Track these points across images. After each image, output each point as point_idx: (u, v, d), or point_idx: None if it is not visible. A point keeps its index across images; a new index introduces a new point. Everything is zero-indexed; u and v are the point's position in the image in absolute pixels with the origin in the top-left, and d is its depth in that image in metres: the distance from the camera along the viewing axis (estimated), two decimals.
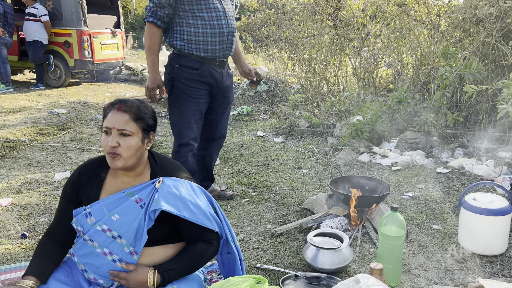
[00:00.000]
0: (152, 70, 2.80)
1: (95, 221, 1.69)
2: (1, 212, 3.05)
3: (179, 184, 1.74)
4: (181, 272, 1.73)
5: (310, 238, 2.45)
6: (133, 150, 1.66)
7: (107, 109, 1.71)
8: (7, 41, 7.79)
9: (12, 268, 2.36)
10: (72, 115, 6.30)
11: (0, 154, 4.46)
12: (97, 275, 1.71)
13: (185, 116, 2.87)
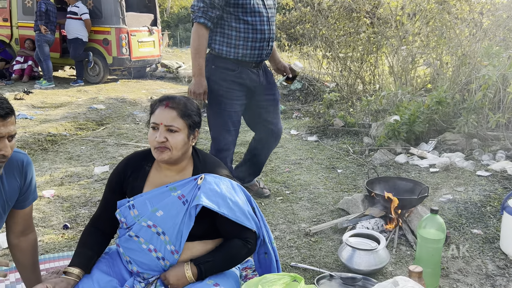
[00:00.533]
0: (198, 74, 2.71)
1: (138, 214, 1.73)
2: (44, 203, 3.17)
3: (220, 181, 1.76)
4: (217, 266, 1.75)
5: (346, 239, 2.43)
6: (179, 145, 1.70)
7: (155, 105, 1.75)
8: (49, 39, 8.07)
9: (55, 257, 2.45)
10: (110, 110, 6.48)
11: (43, 147, 4.63)
12: (140, 268, 1.76)
13: (222, 118, 2.82)
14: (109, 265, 1.82)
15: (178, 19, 20.30)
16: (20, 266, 1.94)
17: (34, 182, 1.85)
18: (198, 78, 2.71)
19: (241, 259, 1.82)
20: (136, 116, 6.26)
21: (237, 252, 1.79)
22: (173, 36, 18.39)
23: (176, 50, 16.28)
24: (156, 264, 1.73)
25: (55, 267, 2.31)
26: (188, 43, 18.07)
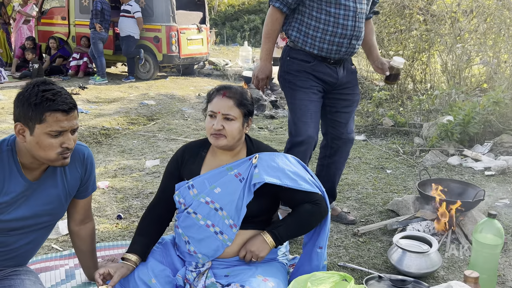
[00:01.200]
0: (265, 58, 2.57)
1: (198, 192, 1.81)
2: (99, 194, 3.32)
3: (275, 157, 1.84)
4: (290, 229, 1.82)
5: (397, 240, 2.38)
6: (235, 132, 1.79)
7: (213, 94, 1.84)
8: (103, 36, 8.40)
9: (110, 245, 2.56)
10: (160, 106, 6.66)
11: (97, 140, 4.84)
12: (197, 248, 1.82)
13: (299, 109, 2.57)
14: (162, 255, 1.89)
15: (225, 17, 20.53)
16: (79, 253, 2.05)
17: (94, 173, 1.94)
18: (264, 63, 2.58)
19: (315, 221, 1.86)
20: (185, 112, 6.40)
21: (310, 215, 1.84)
22: (220, 34, 18.63)
23: (223, 47, 16.48)
24: (213, 240, 1.79)
25: (110, 255, 2.41)
26: (234, 41, 18.24)
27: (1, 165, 1.62)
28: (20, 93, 1.58)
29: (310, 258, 1.96)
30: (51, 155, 1.59)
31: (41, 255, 2.41)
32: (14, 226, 1.70)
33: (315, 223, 1.87)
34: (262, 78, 2.59)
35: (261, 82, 2.60)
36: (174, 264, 1.89)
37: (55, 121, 1.55)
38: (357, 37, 2.55)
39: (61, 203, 1.81)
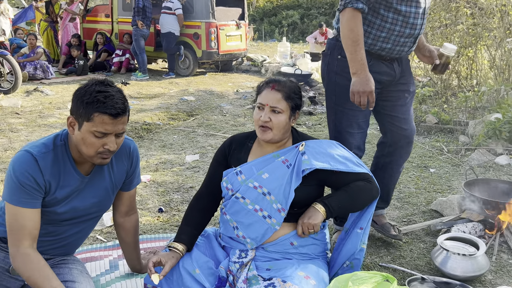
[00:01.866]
0: (361, 69, 2.11)
1: (246, 178, 1.84)
2: (141, 188, 3.40)
3: (322, 144, 1.88)
4: (341, 201, 1.84)
5: (441, 241, 2.31)
6: (282, 125, 1.81)
7: (262, 87, 1.87)
8: (145, 33, 8.59)
9: (152, 238, 2.62)
10: (200, 102, 6.74)
11: (139, 135, 4.95)
12: (246, 232, 1.84)
13: (346, 119, 2.31)
14: (205, 247, 1.92)
15: (263, 12, 20.53)
16: (123, 244, 2.10)
17: (139, 167, 1.99)
18: (363, 74, 2.11)
19: (367, 196, 1.88)
20: (223, 108, 6.45)
21: (361, 189, 1.86)
22: (258, 30, 18.64)
23: (261, 43, 16.49)
24: (262, 224, 1.81)
25: (152, 247, 2.46)
26: (272, 37, 18.21)
27: (56, 160, 1.68)
28: (79, 88, 1.64)
29: (349, 238, 1.94)
30: (91, 153, 1.64)
31: (86, 246, 2.50)
32: (66, 217, 1.77)
33: (366, 200, 1.88)
34: (370, 91, 2.12)
35: (363, 98, 2.12)
36: (216, 256, 1.91)
37: (101, 122, 1.59)
38: (420, 34, 2.28)
39: (109, 195, 1.87)
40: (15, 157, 1.64)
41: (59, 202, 1.72)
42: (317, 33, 11.47)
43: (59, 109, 5.98)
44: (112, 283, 2.11)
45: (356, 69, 2.13)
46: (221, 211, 1.95)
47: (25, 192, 1.61)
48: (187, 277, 1.79)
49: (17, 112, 5.74)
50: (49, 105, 6.15)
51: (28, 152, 1.63)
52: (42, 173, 1.63)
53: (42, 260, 1.64)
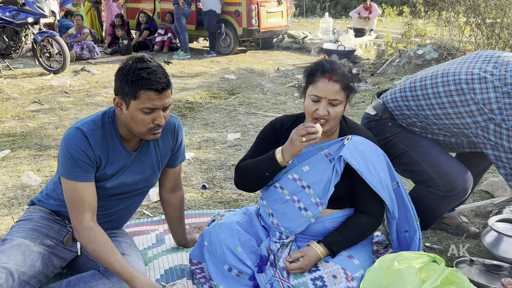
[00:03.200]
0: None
1: (286, 169, 1.81)
2: (186, 165, 3.46)
3: (366, 144, 1.78)
4: (346, 243, 1.76)
5: (492, 223, 2.22)
6: (338, 116, 1.74)
7: (316, 75, 1.73)
8: (186, 12, 8.62)
9: (196, 214, 2.67)
10: (240, 81, 6.74)
11: (182, 114, 5.03)
12: (280, 221, 1.83)
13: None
14: (248, 225, 1.94)
15: None
16: (168, 219, 2.16)
17: (183, 144, 2.02)
18: None
19: (368, 235, 1.83)
20: (264, 86, 6.42)
21: (365, 229, 1.79)
22: (299, 6, 18.28)
23: (302, 20, 16.20)
24: (297, 215, 1.79)
25: (196, 223, 2.51)
26: (314, 13, 17.82)
27: (104, 137, 1.73)
28: (120, 68, 1.66)
29: (399, 241, 1.89)
30: (142, 130, 1.68)
31: (134, 220, 2.59)
32: (114, 192, 1.83)
33: (368, 235, 1.82)
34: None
35: None
36: (258, 234, 1.93)
37: (148, 99, 1.62)
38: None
39: (155, 171, 1.91)
40: (66, 134, 1.70)
41: (108, 178, 1.78)
42: (361, 8, 11.12)
43: (105, 88, 6.15)
44: (159, 257, 2.18)
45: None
46: (260, 196, 1.95)
47: (79, 167, 1.68)
48: (230, 254, 1.82)
49: (66, 91, 5.95)
50: (96, 84, 6.34)
51: (78, 129, 1.69)
52: (92, 148, 1.69)
53: (104, 234, 1.71)
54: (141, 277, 1.66)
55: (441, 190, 2.00)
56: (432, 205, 2.06)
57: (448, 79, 1.93)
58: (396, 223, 1.85)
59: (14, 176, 3.23)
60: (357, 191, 1.80)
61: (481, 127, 1.86)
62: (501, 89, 1.82)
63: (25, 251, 1.69)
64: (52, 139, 4.09)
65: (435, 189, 2.01)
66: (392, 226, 1.87)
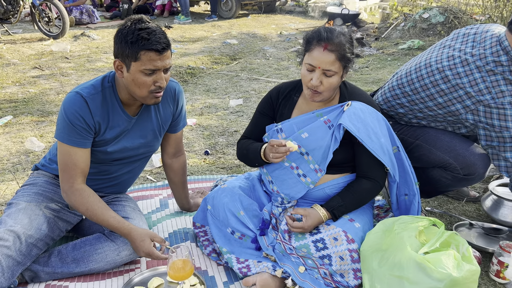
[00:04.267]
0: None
1: (285, 137, 1.81)
2: (188, 131, 3.46)
3: (366, 109, 1.75)
4: (348, 208, 1.78)
5: (493, 187, 2.23)
6: (333, 87, 1.70)
7: (312, 43, 1.68)
8: None
9: (199, 179, 2.69)
10: (242, 45, 6.64)
11: (184, 79, 4.99)
12: (280, 188, 1.85)
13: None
14: (250, 190, 1.96)
15: None
16: (172, 184, 2.18)
17: (184, 109, 2.01)
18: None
19: (369, 199, 1.84)
20: (267, 51, 6.33)
21: (367, 194, 1.80)
22: None
23: None
24: (296, 182, 1.81)
25: (199, 188, 2.54)
26: None
27: (104, 101, 1.73)
28: (119, 30, 1.63)
29: (398, 204, 1.91)
30: (144, 93, 1.66)
31: (137, 185, 2.61)
32: (116, 156, 1.84)
33: (369, 200, 1.83)
34: None
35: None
36: (261, 199, 1.95)
37: (148, 60, 1.60)
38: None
39: (156, 136, 1.92)
40: (66, 98, 1.69)
41: (108, 142, 1.78)
42: None
43: (105, 53, 6.08)
44: (163, 220, 2.22)
45: None
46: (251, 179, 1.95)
47: (76, 132, 1.68)
48: (232, 218, 1.85)
49: (67, 56, 5.89)
50: (96, 50, 6.27)
51: (78, 93, 1.68)
52: (91, 114, 1.68)
53: (95, 194, 1.75)
54: (138, 228, 1.72)
55: (459, 173, 1.97)
56: (447, 185, 2.04)
57: (432, 69, 1.91)
58: (396, 187, 1.87)
59: (17, 142, 3.25)
60: (358, 157, 1.80)
61: (471, 110, 1.85)
62: (484, 68, 1.80)
63: (31, 215, 1.72)
64: (54, 105, 4.08)
65: (454, 171, 1.98)
66: (393, 190, 1.88)
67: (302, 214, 1.73)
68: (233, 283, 1.77)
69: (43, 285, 1.73)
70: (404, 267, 1.51)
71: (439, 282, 1.45)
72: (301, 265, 1.75)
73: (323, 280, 1.71)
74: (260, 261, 1.78)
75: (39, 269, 1.73)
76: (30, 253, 1.67)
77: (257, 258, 1.81)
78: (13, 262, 1.61)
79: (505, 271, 1.76)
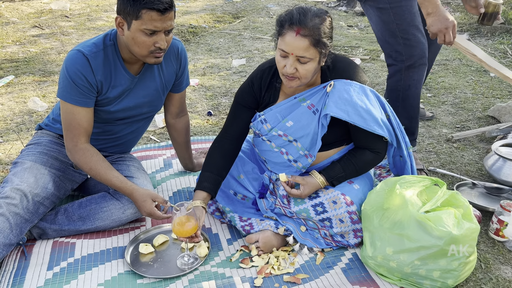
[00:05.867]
0: (437, 7, 1.92)
1: (271, 127, 1.74)
2: (190, 91, 3.44)
3: (351, 88, 1.63)
4: (348, 177, 1.76)
5: (496, 148, 2.23)
6: (309, 74, 1.57)
7: (284, 27, 1.53)
8: None
9: (202, 139, 2.70)
10: (245, 3, 6.48)
11: (186, 38, 4.91)
12: (273, 168, 1.84)
13: (408, 12, 2.13)
14: (251, 153, 1.97)
15: None
16: (175, 144, 2.19)
17: (187, 68, 1.99)
18: (439, 11, 1.93)
19: (370, 169, 1.81)
20: (270, 9, 6.18)
21: (368, 165, 1.77)
22: None
23: None
24: (288, 165, 1.79)
25: (202, 148, 2.55)
26: None
27: (106, 60, 1.70)
28: None
29: (394, 164, 1.90)
30: (143, 52, 1.64)
31: (141, 145, 2.62)
32: (119, 116, 1.84)
33: (370, 169, 1.80)
34: (453, 25, 1.94)
35: (454, 31, 1.95)
36: (260, 164, 1.95)
37: (149, 19, 1.56)
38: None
39: (159, 95, 1.90)
40: (67, 56, 1.67)
41: (111, 101, 1.77)
42: None
43: (106, 11, 5.96)
44: (167, 180, 2.24)
45: (431, 9, 1.94)
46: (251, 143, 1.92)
47: (78, 91, 1.67)
48: (233, 181, 1.87)
49: (66, 15, 5.78)
50: (97, 8, 6.14)
51: (79, 51, 1.65)
52: (93, 72, 1.67)
53: (99, 154, 1.76)
54: (140, 188, 1.74)
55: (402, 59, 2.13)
56: (404, 86, 2.15)
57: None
58: (393, 150, 1.85)
59: (20, 102, 3.24)
60: (355, 134, 1.73)
61: None
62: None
63: (37, 174, 1.74)
64: (55, 64, 4.04)
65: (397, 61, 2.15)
66: (390, 152, 1.86)
67: (300, 183, 1.72)
68: (236, 240, 1.81)
69: (51, 241, 1.78)
70: (405, 225, 1.53)
71: (438, 239, 1.47)
72: (302, 225, 1.78)
73: (323, 240, 1.75)
74: (263, 219, 1.81)
75: (47, 227, 1.77)
76: (37, 211, 1.70)
77: (260, 216, 1.84)
78: (21, 220, 1.64)
79: (504, 229, 1.78)
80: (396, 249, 1.54)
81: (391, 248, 1.56)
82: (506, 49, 4.02)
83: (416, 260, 1.51)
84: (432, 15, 1.94)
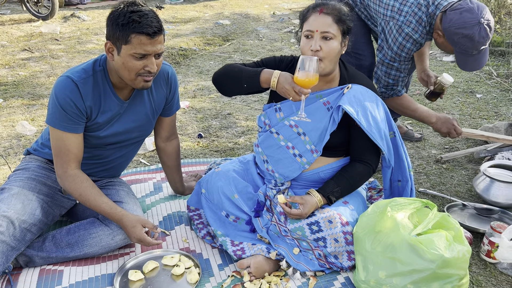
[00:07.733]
0: (432, 115, 2.27)
1: (284, 116, 1.81)
2: (181, 114, 3.44)
3: (366, 93, 1.76)
4: (343, 192, 1.79)
5: (485, 169, 2.26)
6: (334, 53, 1.69)
7: (307, 13, 1.72)
8: None
9: (192, 162, 2.69)
10: (235, 26, 6.56)
11: (176, 61, 4.93)
12: (275, 167, 1.85)
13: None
14: (244, 173, 1.96)
15: None
16: (165, 167, 2.17)
17: (177, 92, 1.99)
18: (437, 117, 2.25)
19: (363, 183, 1.85)
20: (260, 32, 6.26)
21: (361, 178, 1.81)
22: None
23: None
24: (291, 161, 1.81)
25: (193, 171, 2.54)
26: None
27: (96, 86, 1.70)
28: (112, 12, 1.61)
29: (391, 190, 1.92)
30: (132, 76, 1.64)
31: (131, 169, 2.60)
32: (109, 141, 1.83)
33: (362, 183, 1.84)
34: (453, 120, 2.24)
35: (456, 123, 2.25)
36: (255, 181, 1.95)
37: (139, 43, 1.57)
38: None
39: (149, 120, 1.90)
40: (56, 83, 1.67)
41: (101, 127, 1.77)
42: None
43: (96, 35, 5.98)
44: (157, 204, 2.22)
45: (433, 118, 2.26)
46: (255, 143, 1.95)
47: (67, 118, 1.66)
48: (227, 201, 1.86)
49: (56, 38, 5.79)
50: (87, 31, 6.16)
51: (69, 78, 1.65)
52: (83, 98, 1.66)
53: (89, 179, 1.74)
54: (130, 214, 1.73)
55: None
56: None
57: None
58: (390, 172, 1.87)
59: (8, 125, 3.21)
60: (354, 140, 1.80)
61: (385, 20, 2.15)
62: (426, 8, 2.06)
63: (24, 200, 1.71)
64: (44, 88, 4.03)
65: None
66: (386, 175, 1.89)
67: (299, 203, 1.73)
68: (227, 266, 1.79)
69: (38, 269, 1.74)
70: (397, 249, 1.53)
71: (431, 263, 1.47)
72: (296, 247, 1.76)
73: (317, 261, 1.73)
74: (255, 244, 1.79)
75: (34, 254, 1.73)
76: (24, 238, 1.67)
77: (252, 240, 1.82)
78: (7, 247, 1.61)
79: (495, 251, 1.79)
80: (389, 273, 1.54)
81: (384, 272, 1.55)
82: (491, 70, 4.10)
83: (409, 284, 1.50)
84: (436, 122, 2.25)
